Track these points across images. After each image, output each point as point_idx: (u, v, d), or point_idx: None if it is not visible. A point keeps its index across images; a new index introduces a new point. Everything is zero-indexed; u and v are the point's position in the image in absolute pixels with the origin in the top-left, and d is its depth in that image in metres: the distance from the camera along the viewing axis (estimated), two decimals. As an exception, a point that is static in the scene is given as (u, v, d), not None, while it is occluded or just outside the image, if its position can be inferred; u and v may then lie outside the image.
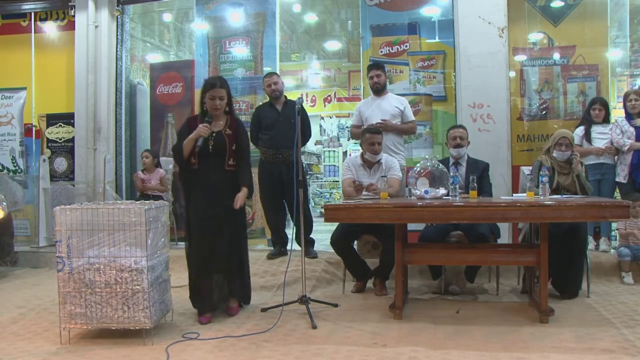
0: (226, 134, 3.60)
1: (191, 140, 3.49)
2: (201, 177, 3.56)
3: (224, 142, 3.57)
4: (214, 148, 3.54)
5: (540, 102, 5.47)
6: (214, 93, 3.54)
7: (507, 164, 5.22)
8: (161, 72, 6.63)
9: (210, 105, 3.57)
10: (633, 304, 3.76)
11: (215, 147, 3.54)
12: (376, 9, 5.73)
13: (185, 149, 3.52)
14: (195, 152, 3.52)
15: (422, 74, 5.62)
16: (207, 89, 3.57)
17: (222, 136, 3.58)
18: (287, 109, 4.94)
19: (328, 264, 4.78)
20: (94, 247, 3.10)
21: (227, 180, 3.57)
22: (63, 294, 3.12)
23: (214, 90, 3.54)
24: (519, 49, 5.50)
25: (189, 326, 3.45)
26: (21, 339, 3.25)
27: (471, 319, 3.53)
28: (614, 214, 3.36)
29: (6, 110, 6.47)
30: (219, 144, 3.56)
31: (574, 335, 3.13)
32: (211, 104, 3.56)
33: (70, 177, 6.47)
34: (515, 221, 4.46)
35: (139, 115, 6.76)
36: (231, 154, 3.59)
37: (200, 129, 3.47)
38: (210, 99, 3.56)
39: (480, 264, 4.16)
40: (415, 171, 3.82)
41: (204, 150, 3.52)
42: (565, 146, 4.09)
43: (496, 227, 4.25)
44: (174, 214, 6.14)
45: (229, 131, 3.61)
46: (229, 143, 3.58)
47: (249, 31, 6.11)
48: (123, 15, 6.53)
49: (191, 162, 3.55)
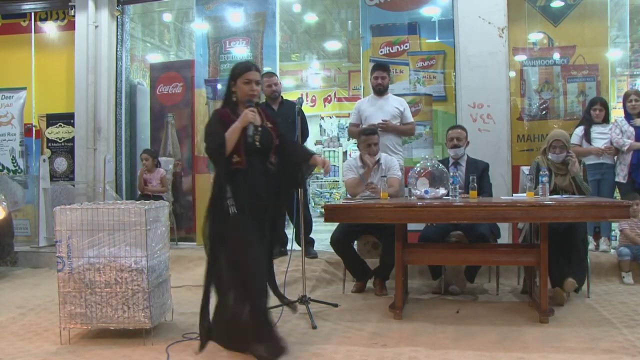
0: (269, 127, 3.06)
1: (238, 130, 2.89)
2: (245, 179, 2.94)
3: (270, 136, 3.02)
4: (261, 144, 2.97)
5: (540, 102, 5.47)
6: (249, 76, 3.00)
7: (507, 164, 5.22)
8: (161, 72, 6.63)
9: (246, 91, 2.99)
10: (633, 304, 3.76)
11: (262, 142, 2.97)
12: (376, 9, 5.72)
13: (229, 142, 2.88)
14: (240, 148, 2.92)
15: (422, 74, 5.62)
16: (240, 72, 3.02)
17: (267, 130, 3.02)
18: (284, 109, 4.95)
19: (328, 264, 4.78)
20: (94, 247, 3.10)
21: (270, 183, 3.03)
22: (63, 294, 3.12)
23: (249, 74, 3.00)
24: (519, 49, 5.50)
25: (189, 326, 3.44)
26: (21, 339, 3.25)
27: (471, 319, 3.53)
28: (613, 214, 3.37)
29: (6, 110, 6.48)
30: (266, 139, 2.99)
31: (574, 335, 3.13)
32: (247, 89, 2.99)
33: (70, 177, 6.47)
34: (515, 221, 4.46)
35: (139, 115, 6.76)
36: (275, 150, 3.05)
37: (247, 114, 2.90)
38: (245, 83, 2.99)
39: (480, 264, 4.16)
40: (415, 171, 3.82)
41: (249, 147, 2.93)
42: (559, 148, 4.05)
43: (496, 227, 4.25)
44: (174, 214, 6.14)
45: (270, 124, 3.08)
46: (274, 138, 3.05)
47: (249, 31, 6.11)
48: (123, 15, 6.53)
49: (234, 160, 2.92)
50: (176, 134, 6.49)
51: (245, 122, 2.89)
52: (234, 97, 3.03)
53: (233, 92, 3.04)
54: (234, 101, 3.03)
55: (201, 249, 5.72)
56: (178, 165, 6.43)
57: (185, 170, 6.46)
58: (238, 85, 3.01)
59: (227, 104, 3.07)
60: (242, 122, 2.89)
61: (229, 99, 3.07)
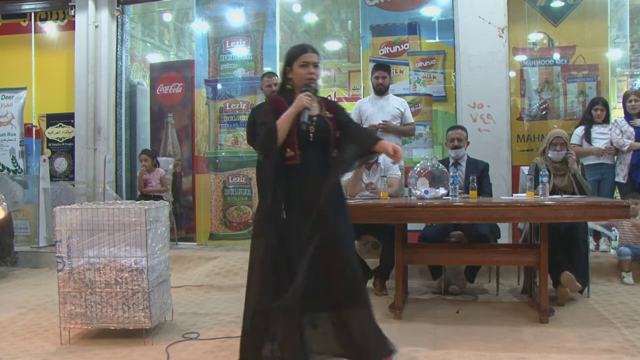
0: (327, 117, 2.69)
1: (291, 117, 2.56)
2: (299, 176, 2.60)
3: (327, 127, 2.65)
4: (316, 136, 2.62)
5: (540, 102, 5.47)
6: (306, 58, 2.66)
7: (507, 164, 5.22)
8: (161, 72, 6.64)
9: (303, 75, 2.66)
10: (633, 304, 3.75)
11: (317, 134, 2.62)
12: (376, 9, 5.73)
13: (281, 130, 2.54)
14: (294, 140, 2.58)
15: (422, 74, 5.62)
16: (296, 55, 2.69)
17: (323, 120, 2.66)
18: None
19: (328, 264, 4.77)
20: (94, 247, 3.10)
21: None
22: (63, 294, 3.12)
23: (305, 55, 2.67)
24: (519, 49, 5.50)
25: (189, 326, 3.44)
26: (21, 339, 3.25)
27: (471, 319, 3.53)
28: (613, 214, 3.36)
29: (6, 110, 6.48)
30: (322, 130, 2.63)
31: (574, 335, 3.13)
32: (304, 73, 2.66)
33: (70, 177, 6.48)
34: (515, 221, 4.46)
35: (139, 115, 6.76)
36: (334, 144, 2.67)
37: (302, 99, 2.56)
38: (301, 66, 2.66)
39: (480, 264, 4.15)
40: (415, 171, 3.82)
41: (302, 140, 2.60)
42: (560, 146, 4.08)
43: (496, 227, 4.25)
44: (174, 214, 6.14)
45: (329, 114, 2.71)
46: (333, 129, 2.68)
47: (249, 31, 6.11)
48: (123, 15, 6.54)
49: (286, 154, 2.58)
50: (176, 134, 6.50)
51: (299, 107, 2.55)
52: (290, 84, 2.71)
53: (289, 78, 2.72)
54: (290, 89, 2.70)
55: (201, 249, 5.78)
56: (178, 165, 6.44)
57: (185, 170, 6.47)
58: (294, 69, 2.68)
59: (281, 92, 2.76)
60: (295, 108, 2.56)
61: (284, 87, 2.75)
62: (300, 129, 2.57)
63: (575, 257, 3.88)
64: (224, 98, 6.12)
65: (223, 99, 6.13)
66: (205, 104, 6.18)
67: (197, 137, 6.22)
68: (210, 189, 6.12)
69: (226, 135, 6.09)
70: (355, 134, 2.73)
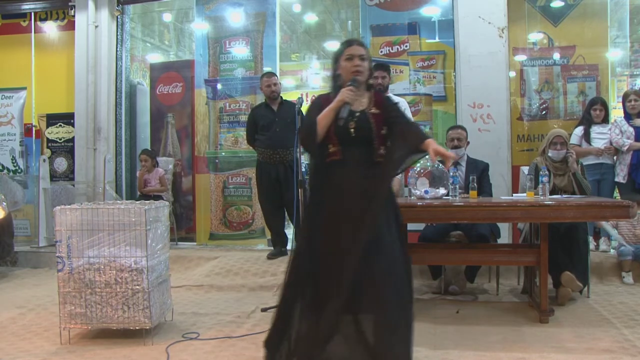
0: (371, 113, 2.57)
1: (331, 112, 2.48)
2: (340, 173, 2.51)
3: (369, 124, 2.53)
4: (357, 132, 2.52)
5: (540, 102, 5.47)
6: (351, 51, 2.56)
7: (507, 164, 5.22)
8: (161, 72, 6.64)
9: (349, 68, 2.56)
10: (633, 304, 3.75)
11: (359, 131, 2.52)
12: (376, 9, 5.73)
13: (320, 124, 2.48)
14: (334, 136, 2.50)
15: (422, 74, 5.62)
16: (342, 50, 2.61)
17: (365, 117, 2.55)
18: (283, 110, 4.95)
19: (328, 264, 4.77)
20: (94, 247, 3.10)
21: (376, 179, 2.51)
22: (63, 294, 3.12)
23: (350, 49, 2.57)
24: (519, 49, 5.50)
25: (189, 326, 3.44)
26: (21, 339, 3.25)
27: (471, 319, 3.53)
28: (614, 214, 3.36)
29: (6, 110, 6.48)
30: (363, 127, 2.53)
31: (574, 335, 3.13)
32: (349, 66, 2.55)
33: (70, 177, 6.47)
34: (515, 221, 4.46)
35: (139, 115, 6.76)
36: (381, 141, 2.54)
37: (343, 93, 2.48)
38: (346, 59, 2.56)
39: (480, 264, 4.16)
40: (415, 171, 3.82)
41: (344, 136, 2.50)
42: (560, 145, 4.09)
43: (496, 227, 4.25)
44: (174, 214, 6.14)
45: (375, 110, 2.58)
46: (377, 126, 2.54)
47: (249, 31, 6.11)
48: (123, 15, 6.53)
49: (329, 150, 2.51)
50: (176, 134, 6.49)
51: (339, 101, 2.48)
52: (339, 80, 2.61)
53: (338, 75, 2.63)
54: (339, 85, 2.59)
55: (201, 249, 5.78)
56: (178, 165, 6.44)
57: (185, 170, 6.47)
58: (340, 64, 2.60)
59: (332, 90, 2.66)
60: (336, 102, 2.49)
61: (334, 84, 2.65)
62: (338, 124, 2.48)
63: (575, 257, 3.88)
64: (224, 98, 6.12)
65: (223, 99, 6.13)
66: (205, 104, 6.18)
67: (197, 137, 6.22)
68: (210, 189, 6.12)
69: (226, 135, 6.09)
70: (402, 132, 2.56)
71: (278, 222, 5.11)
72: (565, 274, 3.72)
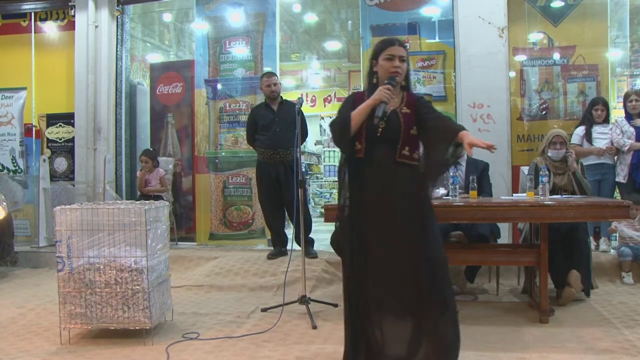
0: (402, 112, 2.55)
1: (367, 109, 2.47)
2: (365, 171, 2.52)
3: (398, 123, 2.52)
4: (385, 131, 2.50)
5: (540, 102, 5.47)
6: (392, 51, 2.55)
7: (507, 164, 5.22)
8: (161, 72, 6.64)
9: (388, 68, 2.55)
10: (633, 304, 3.76)
11: (387, 130, 2.50)
12: (376, 9, 5.72)
13: (354, 120, 2.47)
14: (363, 134, 2.50)
15: (422, 74, 5.62)
16: (382, 48, 2.58)
17: (396, 116, 2.54)
18: (283, 110, 4.95)
19: (328, 264, 4.78)
20: (94, 247, 3.10)
21: (399, 179, 2.51)
22: (63, 294, 3.12)
23: (392, 49, 2.56)
24: (519, 49, 5.50)
25: (189, 326, 3.44)
26: (21, 339, 3.25)
27: (471, 319, 3.52)
28: (614, 214, 3.36)
29: (6, 110, 6.48)
30: (392, 126, 2.51)
31: (574, 335, 3.13)
32: (388, 66, 2.55)
33: (70, 177, 6.48)
34: (515, 221, 4.46)
35: (139, 115, 6.76)
36: (407, 141, 2.52)
37: (381, 91, 2.46)
38: (387, 59, 2.55)
39: (480, 264, 4.15)
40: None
41: (370, 134, 2.50)
42: (559, 144, 4.10)
43: (496, 227, 4.25)
44: (174, 214, 6.14)
45: (406, 109, 2.57)
46: (406, 125, 2.52)
47: (249, 31, 6.11)
48: (123, 15, 6.53)
49: (356, 147, 2.52)
50: (176, 134, 6.50)
51: (376, 100, 2.45)
52: (375, 77, 2.60)
53: (374, 72, 2.61)
54: (375, 83, 2.59)
55: (201, 249, 5.78)
56: (178, 165, 6.44)
57: (185, 170, 6.47)
58: (379, 62, 2.58)
59: (367, 87, 2.66)
60: (372, 100, 2.46)
61: (369, 82, 2.64)
62: (370, 122, 2.48)
63: (576, 259, 3.87)
64: (224, 98, 6.13)
65: (223, 99, 6.13)
66: (205, 104, 6.18)
67: (197, 137, 6.22)
68: (210, 189, 6.12)
69: (226, 135, 6.09)
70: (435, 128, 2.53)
71: (278, 222, 5.11)
72: (573, 272, 3.72)
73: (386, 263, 2.43)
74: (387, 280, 2.43)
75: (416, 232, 2.45)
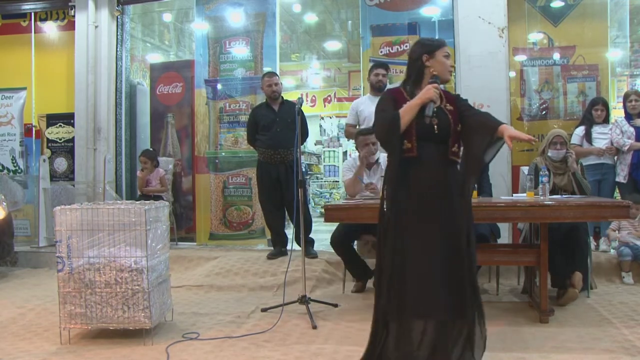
0: (447, 109, 2.55)
1: (416, 107, 2.44)
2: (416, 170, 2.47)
3: (447, 120, 2.50)
4: (439, 128, 2.48)
5: (540, 102, 5.47)
6: (448, 50, 2.60)
7: (507, 164, 5.22)
8: (161, 72, 6.64)
9: (447, 66, 2.57)
10: (633, 304, 3.75)
11: (440, 127, 2.48)
12: (376, 9, 5.73)
13: (404, 119, 2.42)
14: (412, 132, 2.45)
15: (422, 74, 5.61)
16: (440, 44, 2.60)
17: (444, 113, 2.52)
18: (284, 110, 4.96)
19: (328, 264, 4.78)
20: (94, 247, 3.09)
21: (450, 177, 2.50)
22: (63, 294, 3.12)
23: (447, 48, 2.60)
24: (519, 49, 5.50)
25: (189, 326, 3.44)
26: (21, 339, 3.25)
27: (471, 319, 3.52)
28: (614, 214, 3.36)
29: (6, 110, 6.47)
30: (442, 124, 2.49)
31: (574, 335, 3.12)
32: (448, 64, 2.57)
33: (70, 177, 6.48)
34: (515, 221, 4.46)
35: (139, 115, 6.76)
36: (456, 138, 2.52)
37: (430, 90, 2.44)
38: (446, 56, 2.57)
39: (480, 264, 4.11)
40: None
41: (424, 132, 2.46)
42: (560, 144, 4.11)
43: (496, 227, 4.24)
44: (174, 214, 6.14)
45: (450, 107, 2.56)
46: (453, 122, 2.52)
47: (249, 31, 6.11)
48: (123, 15, 6.53)
49: (405, 147, 2.46)
50: (176, 134, 6.50)
51: (426, 99, 2.43)
52: (426, 72, 2.56)
53: (427, 67, 2.56)
54: (414, 81, 2.58)
55: (201, 249, 5.78)
56: (178, 165, 6.44)
57: (185, 170, 6.47)
58: (437, 58, 2.55)
59: (405, 83, 2.62)
60: (421, 99, 2.44)
61: (412, 77, 2.60)
62: (420, 121, 2.44)
63: (577, 259, 3.87)
64: (224, 98, 6.13)
65: (223, 99, 6.13)
66: (205, 104, 6.18)
67: (197, 137, 6.22)
68: (210, 189, 6.12)
69: (226, 135, 6.09)
70: (475, 123, 2.54)
71: (278, 222, 5.12)
72: (577, 274, 3.72)
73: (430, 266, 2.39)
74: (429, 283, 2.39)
75: (463, 233, 2.44)
